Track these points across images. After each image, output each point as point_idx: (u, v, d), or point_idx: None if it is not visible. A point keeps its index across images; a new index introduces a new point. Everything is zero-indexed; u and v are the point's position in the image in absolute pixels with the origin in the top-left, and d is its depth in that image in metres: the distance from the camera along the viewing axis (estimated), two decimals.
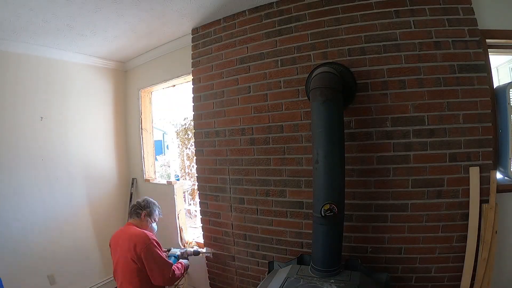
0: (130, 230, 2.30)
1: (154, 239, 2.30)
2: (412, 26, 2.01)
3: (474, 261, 1.93)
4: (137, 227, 2.35)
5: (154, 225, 2.53)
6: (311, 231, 1.93)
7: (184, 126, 4.20)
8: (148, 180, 3.64)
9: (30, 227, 2.81)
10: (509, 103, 1.96)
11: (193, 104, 2.84)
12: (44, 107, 2.96)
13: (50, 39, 2.75)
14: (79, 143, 3.24)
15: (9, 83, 2.72)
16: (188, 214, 4.27)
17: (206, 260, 2.89)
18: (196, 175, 2.90)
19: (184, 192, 4.07)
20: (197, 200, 4.27)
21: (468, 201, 1.94)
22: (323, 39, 2.19)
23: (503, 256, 2.00)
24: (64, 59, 3.11)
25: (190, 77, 2.93)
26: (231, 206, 2.62)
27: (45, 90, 2.98)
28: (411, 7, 2.02)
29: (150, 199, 2.56)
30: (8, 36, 2.55)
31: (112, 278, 3.37)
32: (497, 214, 1.92)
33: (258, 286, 1.93)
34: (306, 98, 2.21)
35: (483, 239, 1.91)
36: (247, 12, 2.47)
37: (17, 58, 2.76)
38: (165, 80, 3.32)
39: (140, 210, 2.44)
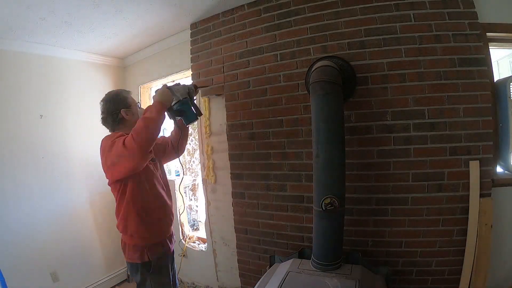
0: None
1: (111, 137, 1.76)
2: (412, 19, 2.00)
3: (474, 255, 1.94)
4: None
5: (140, 110, 1.97)
6: (312, 225, 1.94)
7: None
8: None
9: (33, 225, 2.81)
10: (510, 97, 1.95)
11: None
12: (43, 105, 2.95)
13: (48, 36, 2.72)
14: (79, 140, 3.23)
15: (7, 82, 2.70)
16: (189, 210, 4.28)
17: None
18: (197, 170, 2.90)
19: (185, 188, 4.07)
20: (198, 195, 4.28)
21: (468, 195, 1.93)
22: (323, 33, 2.18)
23: (502, 250, 2.01)
24: (62, 57, 3.09)
25: (189, 72, 2.92)
26: (232, 200, 2.62)
27: (44, 88, 2.96)
28: (411, 0, 2.01)
29: (110, 92, 1.97)
30: (5, 34, 2.53)
31: (115, 274, 3.40)
32: (492, 208, 1.92)
33: (260, 280, 1.94)
34: (306, 92, 2.21)
35: (478, 233, 1.92)
36: (246, 6, 2.46)
37: (14, 56, 2.74)
38: (165, 76, 3.30)
39: (115, 112, 1.87)
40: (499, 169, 2.07)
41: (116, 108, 1.88)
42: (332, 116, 1.83)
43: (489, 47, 2.01)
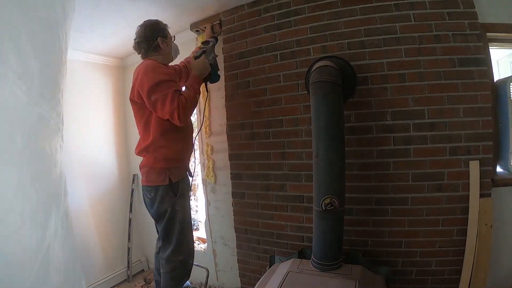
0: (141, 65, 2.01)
1: (163, 68, 1.97)
2: (412, 19, 2.00)
3: (474, 255, 1.94)
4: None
5: (174, 44, 2.19)
6: (312, 225, 1.94)
7: None
8: None
9: None
10: (510, 97, 1.95)
11: None
12: None
13: None
14: (79, 140, 3.22)
15: None
16: None
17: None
18: (197, 170, 2.90)
19: None
20: (198, 195, 4.27)
21: (468, 195, 1.93)
22: (323, 33, 2.19)
23: (502, 250, 2.01)
24: None
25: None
26: (232, 200, 2.62)
27: None
28: (411, 0, 2.01)
29: (149, 20, 2.10)
30: None
31: (115, 274, 3.40)
32: (492, 208, 1.92)
33: (260, 280, 1.94)
34: (306, 92, 2.21)
35: (478, 233, 1.93)
36: (246, 7, 2.46)
37: None
38: None
39: (152, 39, 2.02)
40: (499, 169, 2.07)
41: (154, 35, 2.01)
42: (332, 116, 1.83)
43: (489, 47, 2.02)
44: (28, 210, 0.86)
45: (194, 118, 3.31)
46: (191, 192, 2.30)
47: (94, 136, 3.40)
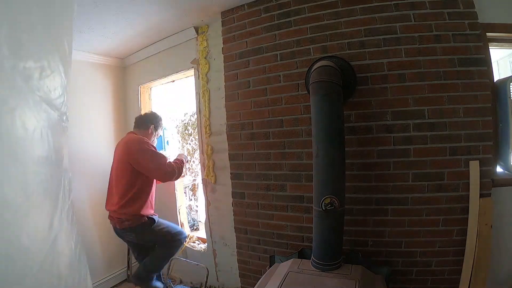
0: (128, 137, 2.60)
1: (150, 142, 2.56)
2: (412, 19, 2.01)
3: (474, 255, 1.94)
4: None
5: (157, 139, 2.83)
6: (311, 225, 1.94)
7: (184, 122, 4.19)
8: None
9: None
10: (510, 97, 1.95)
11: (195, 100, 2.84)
12: None
13: None
14: (79, 140, 3.22)
15: None
16: (189, 210, 4.27)
17: None
18: (197, 170, 2.90)
19: (185, 187, 4.07)
20: (198, 195, 4.28)
21: (468, 195, 1.93)
22: (323, 33, 2.19)
23: (502, 250, 2.01)
24: None
25: (189, 73, 2.92)
26: (232, 200, 2.62)
27: None
28: (411, 0, 2.01)
29: (156, 112, 2.85)
30: None
31: (115, 274, 3.40)
32: (492, 208, 1.93)
33: (260, 280, 1.94)
34: (306, 92, 2.21)
35: (478, 233, 1.93)
36: (246, 6, 2.46)
37: None
38: (165, 76, 3.30)
39: (149, 123, 2.68)
40: (499, 169, 2.07)
41: (150, 121, 2.73)
42: (332, 116, 1.83)
43: (489, 47, 2.02)
44: (35, 196, 0.85)
45: (194, 118, 3.32)
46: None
47: (94, 136, 3.40)
